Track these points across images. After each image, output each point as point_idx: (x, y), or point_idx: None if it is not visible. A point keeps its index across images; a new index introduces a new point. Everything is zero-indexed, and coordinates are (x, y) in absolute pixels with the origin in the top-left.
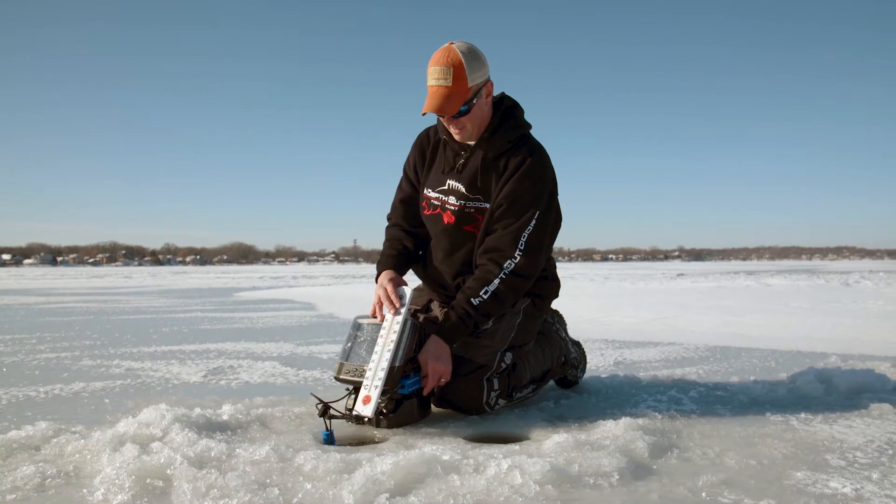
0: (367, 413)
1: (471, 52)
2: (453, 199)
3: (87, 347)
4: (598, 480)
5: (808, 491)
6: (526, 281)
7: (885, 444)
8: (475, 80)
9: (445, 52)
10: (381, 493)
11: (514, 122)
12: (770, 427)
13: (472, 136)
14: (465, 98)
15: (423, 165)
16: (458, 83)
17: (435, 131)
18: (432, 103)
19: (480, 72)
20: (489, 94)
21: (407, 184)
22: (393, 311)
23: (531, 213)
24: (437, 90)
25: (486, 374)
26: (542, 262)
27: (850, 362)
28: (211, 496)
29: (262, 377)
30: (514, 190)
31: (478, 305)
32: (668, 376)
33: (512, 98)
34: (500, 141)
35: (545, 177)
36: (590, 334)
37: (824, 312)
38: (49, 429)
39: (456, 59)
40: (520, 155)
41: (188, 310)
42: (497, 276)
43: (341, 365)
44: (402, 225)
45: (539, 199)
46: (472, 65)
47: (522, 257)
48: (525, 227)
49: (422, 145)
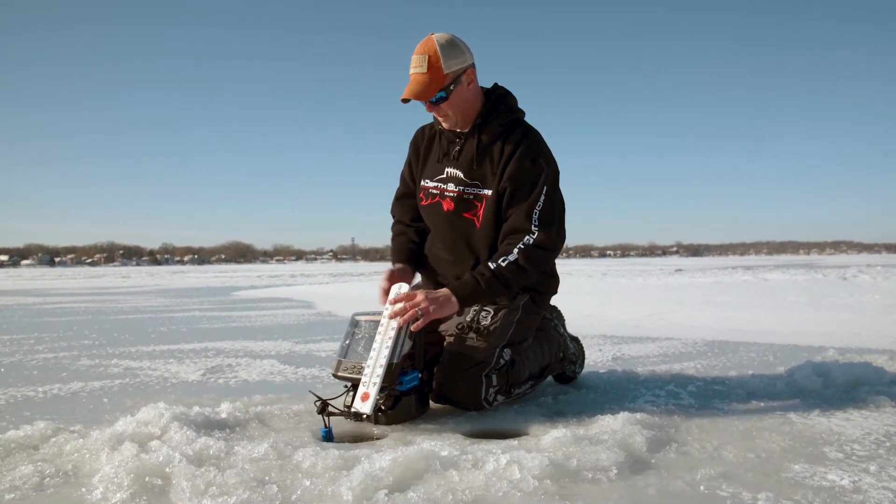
0: (365, 410)
1: (448, 41)
2: (452, 186)
3: (85, 347)
4: (597, 475)
5: (805, 484)
6: (546, 253)
7: (882, 436)
8: (451, 68)
9: (424, 43)
10: (379, 489)
11: (507, 107)
12: (768, 420)
13: (459, 124)
14: (442, 84)
15: (419, 161)
16: (433, 70)
17: (430, 127)
18: (410, 89)
19: (458, 59)
20: (471, 82)
21: (402, 183)
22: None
23: (539, 191)
24: (415, 77)
25: (484, 371)
26: (558, 238)
27: (847, 356)
28: (210, 494)
29: (261, 375)
30: (517, 172)
31: (495, 269)
32: (666, 371)
33: (504, 87)
34: (493, 126)
35: (544, 155)
36: (588, 330)
37: (822, 307)
38: (47, 428)
39: (432, 48)
40: (514, 137)
41: (186, 309)
42: (516, 246)
43: (339, 362)
44: (404, 220)
45: (544, 176)
46: (447, 52)
47: (539, 231)
48: (535, 204)
49: (416, 143)
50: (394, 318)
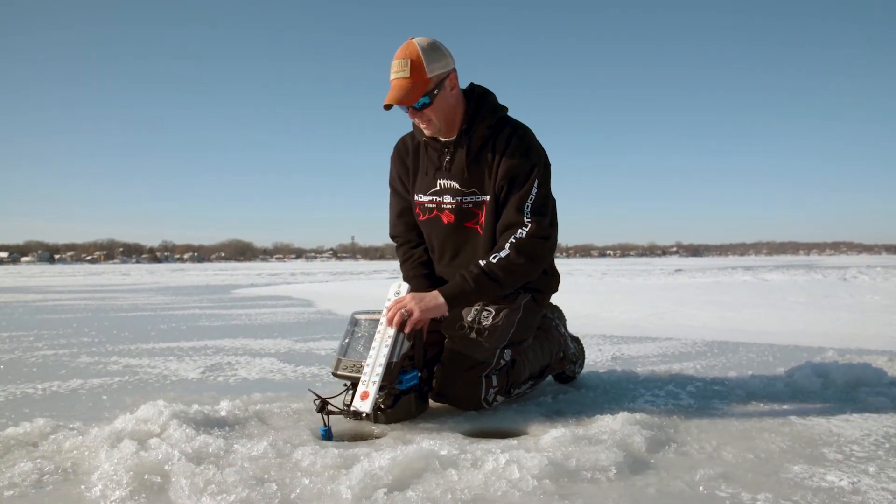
0: (365, 409)
1: (429, 45)
2: (449, 198)
3: (84, 344)
4: (596, 475)
5: (805, 484)
6: (540, 242)
7: (881, 437)
8: (434, 72)
9: (405, 47)
10: (378, 488)
11: (490, 107)
12: (767, 421)
13: (442, 130)
14: (426, 89)
15: (408, 174)
16: (416, 74)
17: (411, 137)
18: (392, 94)
19: (440, 63)
20: (454, 87)
21: (397, 198)
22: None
23: (530, 184)
24: (398, 82)
25: (484, 371)
26: (551, 227)
27: (847, 356)
28: (209, 492)
29: (260, 373)
30: (508, 170)
31: (484, 266)
32: (665, 371)
33: (482, 86)
34: (480, 129)
35: (535, 149)
36: (587, 330)
37: (822, 307)
38: (47, 425)
39: (414, 52)
40: (503, 137)
41: (186, 307)
42: (508, 241)
43: (339, 361)
44: (411, 240)
45: (535, 170)
46: (430, 56)
47: (531, 222)
48: (527, 197)
49: (400, 155)
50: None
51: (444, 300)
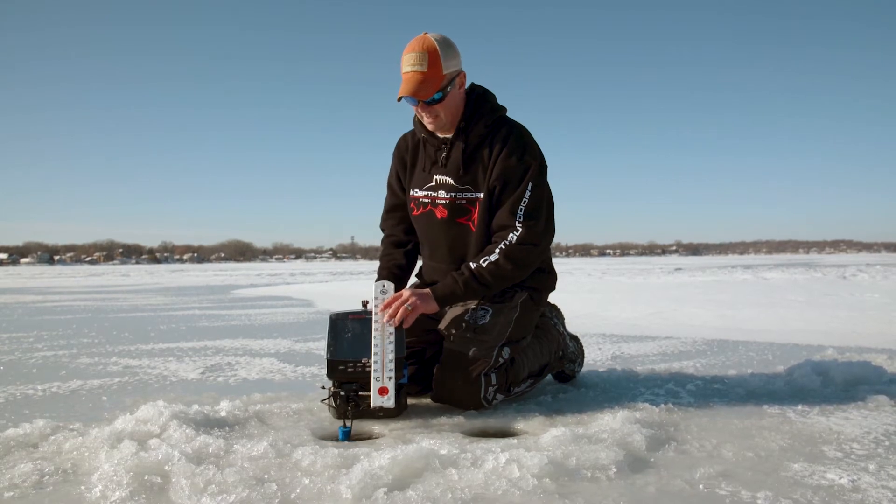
0: (389, 404)
1: (444, 40)
2: (443, 193)
3: (84, 345)
4: (596, 473)
5: (804, 482)
6: (530, 249)
7: (881, 435)
8: (449, 68)
9: (420, 40)
10: (378, 487)
11: (489, 106)
12: (767, 419)
13: (447, 127)
14: (440, 85)
15: (405, 170)
16: (433, 69)
17: (412, 135)
18: (407, 88)
19: (454, 60)
20: (462, 86)
21: (392, 194)
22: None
23: (524, 186)
24: (413, 76)
25: (483, 370)
26: (545, 232)
27: (846, 354)
28: (209, 492)
29: (260, 374)
30: (503, 170)
31: (475, 269)
32: (665, 370)
33: (482, 86)
34: (478, 127)
35: (531, 150)
36: (587, 328)
37: (821, 305)
38: (47, 426)
39: (431, 46)
40: (500, 136)
41: (186, 307)
42: (498, 246)
43: (334, 362)
44: (397, 235)
45: (529, 172)
46: (446, 52)
47: (522, 226)
48: (521, 200)
49: (400, 152)
50: (391, 319)
51: (434, 299)
